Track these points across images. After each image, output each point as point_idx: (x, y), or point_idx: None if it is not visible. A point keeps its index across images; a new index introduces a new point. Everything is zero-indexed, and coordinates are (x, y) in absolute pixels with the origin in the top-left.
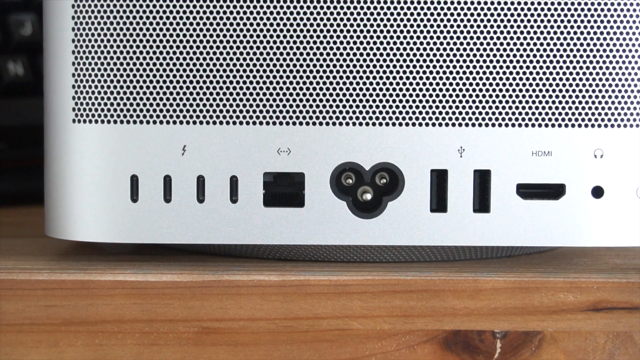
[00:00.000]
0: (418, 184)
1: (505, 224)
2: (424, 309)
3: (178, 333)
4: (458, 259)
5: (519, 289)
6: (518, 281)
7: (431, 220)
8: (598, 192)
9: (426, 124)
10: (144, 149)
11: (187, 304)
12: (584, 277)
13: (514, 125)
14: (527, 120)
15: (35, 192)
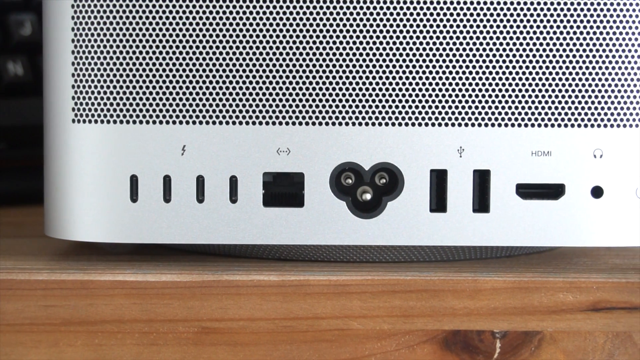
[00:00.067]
0: (417, 184)
1: (505, 224)
2: (424, 309)
3: (178, 333)
4: (457, 259)
5: (518, 289)
6: (517, 281)
7: (431, 220)
8: (597, 192)
9: (426, 124)
10: (144, 149)
11: (187, 304)
12: (584, 277)
13: (513, 125)
14: (527, 120)
15: (35, 192)
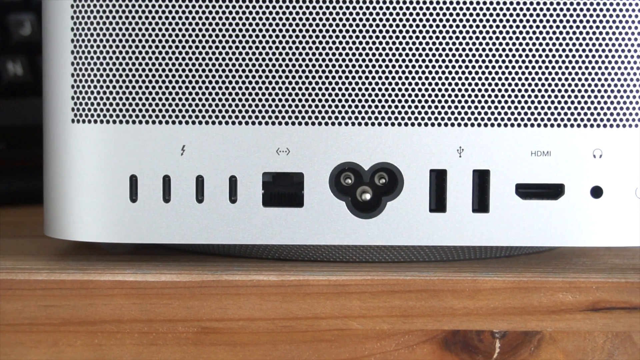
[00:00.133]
0: (417, 184)
1: (505, 224)
2: (423, 309)
3: (177, 333)
4: (457, 259)
5: (518, 289)
6: (517, 281)
7: (430, 220)
8: (597, 192)
9: (425, 124)
10: (143, 149)
11: (186, 304)
12: (583, 277)
13: (513, 125)
14: (526, 120)
15: (35, 192)
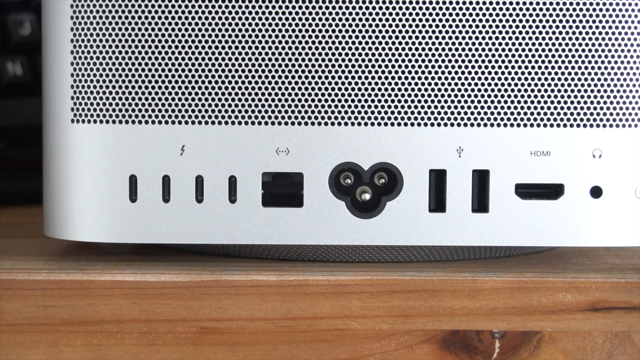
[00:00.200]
0: (417, 184)
1: (504, 224)
2: (423, 309)
3: (177, 333)
4: (457, 259)
5: (517, 289)
6: (517, 281)
7: (430, 220)
8: (597, 192)
9: (425, 124)
10: (143, 149)
11: (186, 304)
12: (583, 277)
13: (512, 125)
14: (526, 120)
15: (34, 192)
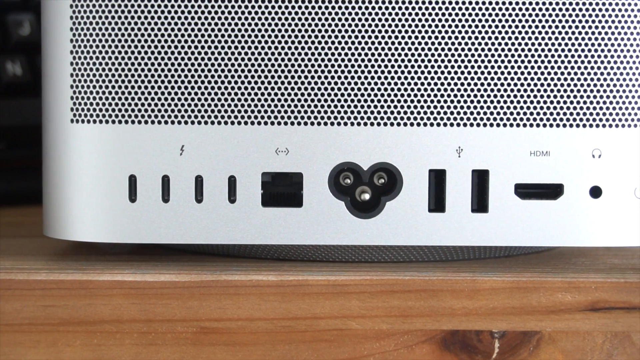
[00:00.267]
0: (416, 184)
1: (504, 224)
2: (422, 309)
3: (176, 333)
4: (456, 259)
5: (517, 289)
6: (516, 281)
7: (429, 220)
8: (596, 192)
9: (424, 124)
10: (142, 149)
11: (186, 304)
12: (582, 277)
13: (512, 125)
14: (525, 120)
15: (34, 192)
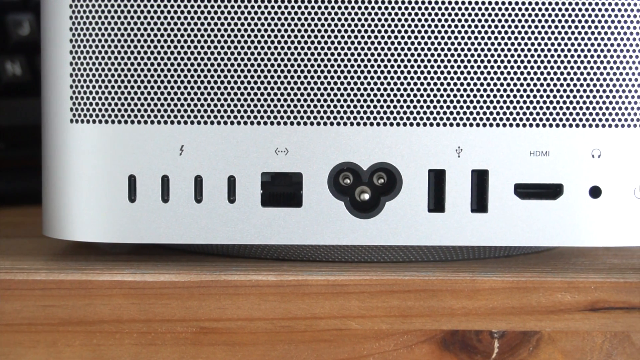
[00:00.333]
0: (416, 184)
1: (503, 224)
2: (422, 309)
3: (176, 333)
4: (456, 259)
5: (516, 289)
6: (516, 281)
7: (429, 220)
8: (596, 192)
9: (424, 124)
10: (142, 149)
11: (185, 304)
12: (582, 277)
13: (511, 125)
14: (525, 120)
15: (33, 192)
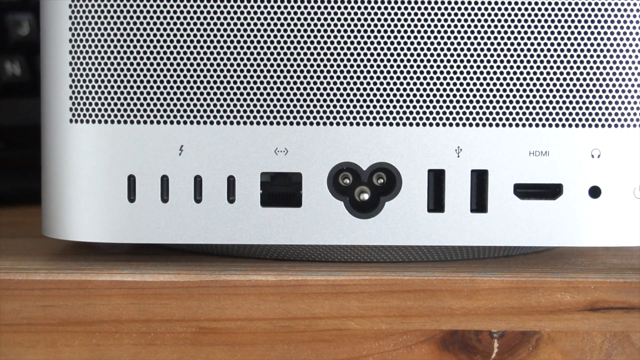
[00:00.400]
0: (415, 184)
1: (503, 224)
2: (421, 309)
3: (175, 333)
4: (455, 259)
5: (516, 289)
6: (515, 281)
7: (428, 220)
8: (595, 192)
9: (423, 124)
10: (141, 149)
11: (185, 304)
12: (581, 277)
13: (511, 125)
14: (525, 120)
15: (33, 192)
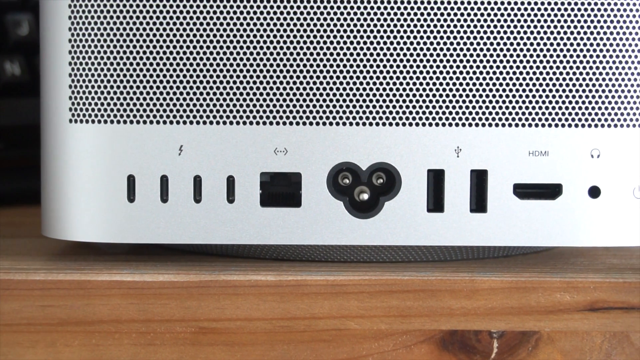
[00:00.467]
0: (415, 184)
1: (502, 224)
2: (421, 309)
3: (175, 333)
4: (455, 259)
5: (515, 289)
6: (515, 281)
7: (428, 220)
8: (595, 192)
9: (423, 124)
10: (141, 149)
11: (184, 304)
12: (581, 277)
13: (510, 125)
14: (524, 120)
15: (32, 192)
